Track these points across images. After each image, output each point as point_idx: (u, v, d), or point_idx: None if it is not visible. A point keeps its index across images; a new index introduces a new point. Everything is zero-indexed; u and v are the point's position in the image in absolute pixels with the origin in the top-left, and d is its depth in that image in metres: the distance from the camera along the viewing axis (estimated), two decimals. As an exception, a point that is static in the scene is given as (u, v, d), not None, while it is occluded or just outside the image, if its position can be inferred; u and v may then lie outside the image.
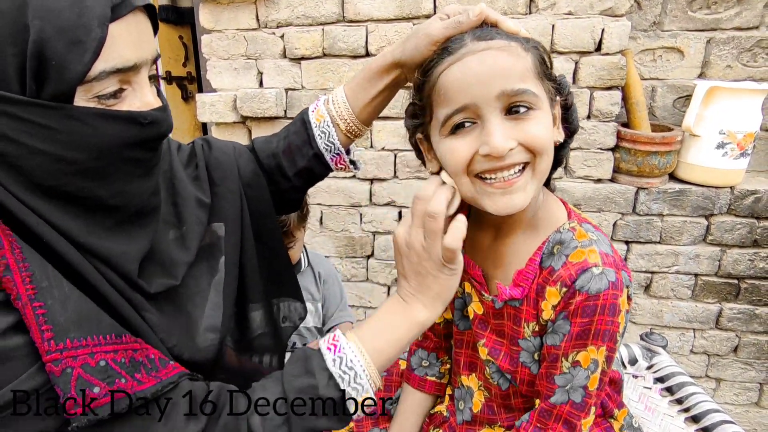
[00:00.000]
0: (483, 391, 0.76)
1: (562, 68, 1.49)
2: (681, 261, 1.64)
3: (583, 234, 0.61)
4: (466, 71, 0.55)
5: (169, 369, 0.54)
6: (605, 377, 0.60)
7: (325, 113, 0.76)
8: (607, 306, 0.56)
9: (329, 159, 0.78)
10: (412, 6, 1.51)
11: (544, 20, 1.46)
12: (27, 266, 0.45)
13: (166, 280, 0.59)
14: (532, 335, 0.65)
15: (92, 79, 0.46)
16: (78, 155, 0.47)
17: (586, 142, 1.55)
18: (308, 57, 1.62)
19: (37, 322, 0.44)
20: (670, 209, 1.58)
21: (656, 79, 1.68)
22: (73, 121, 0.46)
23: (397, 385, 0.90)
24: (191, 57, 2.65)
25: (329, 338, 0.60)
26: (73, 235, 0.49)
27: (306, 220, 1.23)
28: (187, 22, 2.53)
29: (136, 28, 0.50)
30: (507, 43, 0.55)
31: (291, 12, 1.58)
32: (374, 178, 1.71)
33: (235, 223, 0.72)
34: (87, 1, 0.44)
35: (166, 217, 0.64)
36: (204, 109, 1.69)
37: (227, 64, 1.68)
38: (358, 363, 0.57)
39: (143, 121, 0.51)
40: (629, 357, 1.15)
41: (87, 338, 0.47)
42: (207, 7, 1.63)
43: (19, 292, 0.44)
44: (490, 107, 0.55)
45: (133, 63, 0.49)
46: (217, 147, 0.76)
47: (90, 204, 0.51)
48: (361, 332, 0.61)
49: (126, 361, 0.49)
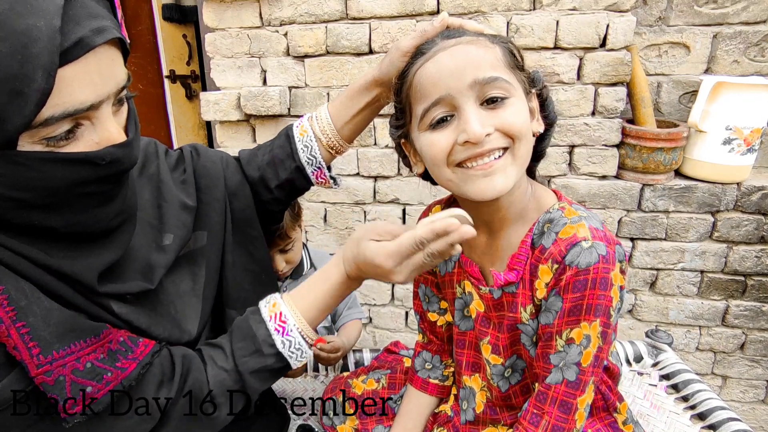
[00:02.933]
0: (485, 392, 0.77)
1: (567, 64, 1.48)
2: (687, 258, 1.63)
3: (573, 212, 0.62)
4: (439, 65, 0.58)
5: (141, 347, 0.57)
6: (602, 354, 0.59)
7: (309, 128, 0.80)
8: (598, 280, 0.56)
9: (310, 172, 0.81)
10: (415, 3, 1.50)
11: (548, 16, 1.45)
12: (2, 288, 0.46)
13: (142, 283, 0.60)
14: (530, 318, 0.65)
15: (38, 125, 0.43)
16: (24, 195, 0.46)
17: (591, 138, 1.54)
18: (312, 55, 1.62)
19: (23, 341, 0.46)
20: (676, 206, 1.57)
21: (662, 75, 1.67)
22: (16, 166, 0.44)
23: (401, 383, 0.90)
24: (195, 55, 2.65)
25: (276, 315, 0.64)
26: (33, 257, 0.49)
27: (299, 218, 1.22)
28: (190, 20, 2.53)
29: (96, 66, 0.45)
30: (475, 38, 0.59)
31: (294, 10, 1.58)
32: (378, 176, 1.71)
33: (218, 230, 0.74)
34: (32, 48, 0.40)
35: (150, 220, 0.65)
36: (208, 108, 1.70)
37: (231, 62, 1.68)
38: (304, 342, 0.64)
39: (100, 162, 0.48)
40: (634, 354, 1.15)
41: (71, 346, 0.49)
42: (210, 5, 1.63)
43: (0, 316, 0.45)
44: (464, 97, 0.57)
45: (90, 104, 0.46)
46: (206, 155, 0.78)
47: (44, 232, 0.50)
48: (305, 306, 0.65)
49: (105, 355, 0.52)
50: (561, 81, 1.51)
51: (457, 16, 1.50)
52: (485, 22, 1.49)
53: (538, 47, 1.49)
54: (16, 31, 0.39)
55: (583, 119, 1.53)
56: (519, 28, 1.48)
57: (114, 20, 0.49)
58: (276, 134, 1.71)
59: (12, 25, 0.39)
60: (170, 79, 2.59)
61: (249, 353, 0.62)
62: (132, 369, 0.54)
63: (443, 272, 0.78)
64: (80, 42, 0.43)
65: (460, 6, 1.49)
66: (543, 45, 1.48)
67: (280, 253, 1.17)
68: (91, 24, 0.44)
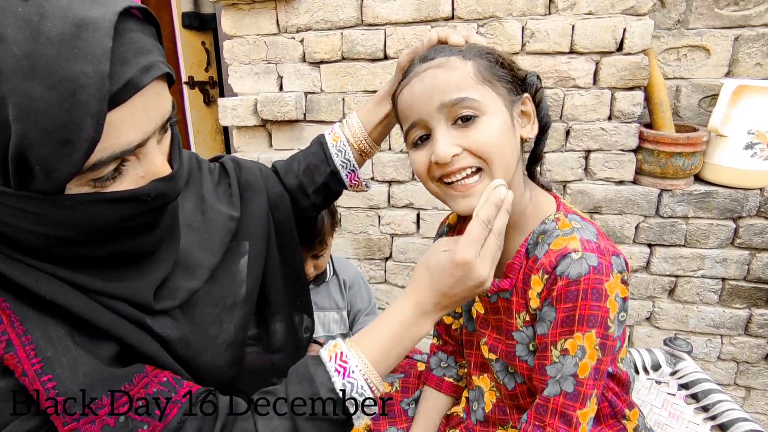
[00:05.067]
0: (494, 392, 0.77)
1: (582, 68, 1.47)
2: (707, 265, 1.59)
3: (566, 224, 0.63)
4: (412, 91, 0.63)
5: (185, 388, 0.54)
6: (602, 366, 0.59)
7: (341, 134, 0.84)
8: (590, 291, 0.57)
9: (344, 175, 0.84)
10: (430, 9, 1.51)
11: (563, 21, 1.44)
12: (30, 338, 0.43)
13: (190, 284, 0.60)
14: (524, 325, 0.66)
15: (86, 170, 0.42)
16: (70, 234, 0.45)
17: (607, 143, 1.53)
18: (327, 61, 1.64)
19: (47, 396, 0.43)
20: (696, 211, 1.54)
21: (681, 79, 1.64)
22: (64, 209, 0.43)
23: (415, 386, 0.91)
24: (213, 62, 2.71)
25: (336, 356, 0.57)
26: (83, 284, 0.48)
27: (336, 227, 1.26)
28: (209, 27, 2.59)
29: (143, 105, 0.44)
30: (445, 59, 0.61)
31: (310, 17, 1.60)
32: (392, 181, 1.72)
33: (261, 241, 0.75)
34: (79, 96, 0.38)
35: (194, 224, 0.66)
36: (226, 114, 1.73)
37: (248, 68, 1.71)
38: (368, 388, 0.56)
39: (146, 199, 0.47)
40: (652, 362, 1.13)
41: (102, 398, 0.46)
42: (229, 13, 1.66)
43: (25, 369, 0.42)
44: (434, 120, 0.61)
45: (137, 143, 0.44)
46: (246, 168, 0.81)
47: (92, 261, 0.50)
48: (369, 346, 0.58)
49: (143, 402, 0.49)
50: (576, 85, 1.50)
51: (471, 21, 1.51)
52: (500, 27, 1.49)
53: (553, 52, 1.48)
54: (63, 78, 0.37)
55: (600, 124, 1.52)
56: (534, 32, 1.47)
57: (160, 48, 0.47)
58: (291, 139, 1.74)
59: (60, 72, 0.37)
60: (189, 85, 2.65)
61: (306, 397, 0.55)
62: (173, 415, 0.50)
63: None
64: (128, 84, 0.41)
65: (475, 11, 1.49)
66: (558, 50, 1.47)
67: (312, 258, 1.20)
68: (139, 62, 0.43)
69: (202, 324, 0.62)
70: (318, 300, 1.30)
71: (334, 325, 1.34)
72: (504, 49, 1.51)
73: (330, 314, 1.33)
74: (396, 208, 1.76)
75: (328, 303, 1.33)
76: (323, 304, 1.32)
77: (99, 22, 0.39)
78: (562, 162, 1.58)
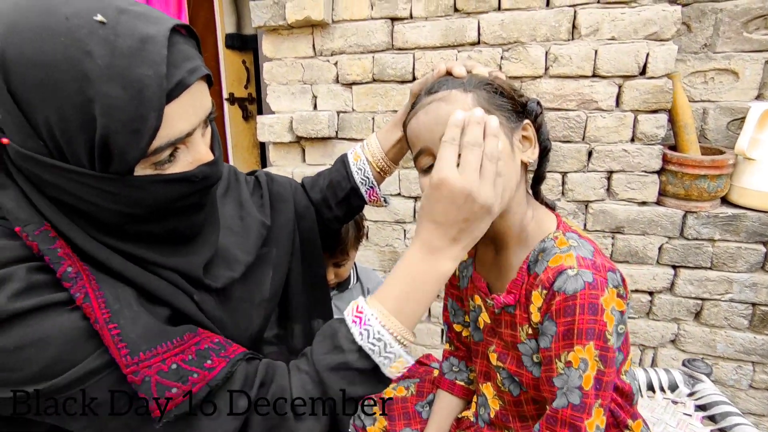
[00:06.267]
0: (497, 400, 0.82)
1: (605, 92, 1.51)
2: (735, 289, 1.57)
3: (564, 242, 0.67)
4: (418, 122, 0.68)
5: (235, 347, 0.61)
6: (604, 377, 0.62)
7: (361, 154, 0.92)
8: (586, 305, 0.61)
9: (364, 191, 0.92)
10: (457, 34, 1.59)
11: (586, 46, 1.49)
12: (102, 294, 0.52)
13: (229, 273, 0.69)
14: (527, 338, 0.70)
15: (149, 154, 0.51)
16: (138, 211, 0.54)
17: (630, 164, 1.55)
18: (359, 82, 1.74)
19: (113, 342, 0.50)
20: (722, 234, 1.53)
21: (708, 101, 1.65)
22: (133, 188, 0.52)
23: (429, 391, 0.96)
24: (252, 80, 2.87)
25: (353, 309, 0.60)
26: (145, 258, 0.57)
27: (361, 241, 1.33)
28: (250, 47, 2.76)
29: (191, 100, 0.53)
30: (447, 93, 0.66)
31: (344, 41, 1.71)
32: (418, 196, 1.79)
33: (286, 247, 0.83)
34: (144, 93, 0.47)
35: (235, 228, 0.75)
36: (263, 130, 1.85)
37: (285, 88, 1.83)
38: (386, 333, 0.57)
39: (194, 180, 0.56)
40: (669, 382, 1.13)
41: (157, 347, 0.53)
42: (269, 37, 1.79)
43: (97, 317, 0.50)
44: (437, 148, 0.62)
45: (186, 132, 0.53)
46: (278, 182, 0.90)
47: (150, 238, 0.59)
48: (384, 296, 0.60)
49: (193, 356, 0.55)
50: (599, 108, 1.54)
51: (496, 46, 1.57)
52: (524, 51, 1.55)
53: (576, 75, 1.53)
54: (133, 80, 0.46)
55: (622, 145, 1.54)
56: (557, 57, 1.52)
57: (201, 57, 0.57)
58: (323, 155, 1.84)
59: (130, 76, 0.46)
60: (229, 102, 2.82)
61: (327, 350, 0.59)
62: (222, 367, 0.56)
63: (463, 287, 0.86)
64: (180, 83, 0.50)
65: (500, 37, 1.56)
66: (581, 73, 1.52)
67: (334, 266, 1.27)
68: (186, 65, 0.52)
69: (235, 314, 0.70)
70: (341, 305, 1.37)
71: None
72: (527, 73, 1.57)
73: (351, 319, 1.40)
74: (420, 223, 1.82)
75: None
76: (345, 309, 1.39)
77: (156, 36, 0.49)
78: (584, 182, 1.61)
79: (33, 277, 0.49)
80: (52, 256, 0.51)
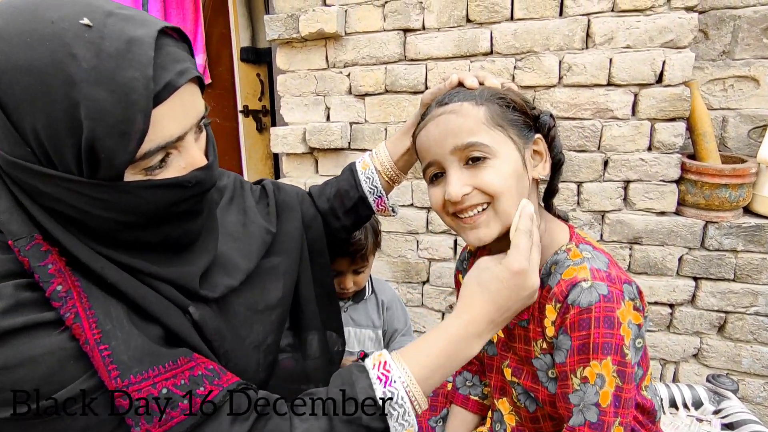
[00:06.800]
0: (513, 415, 0.79)
1: (620, 100, 1.49)
2: (761, 301, 1.52)
3: (577, 254, 0.65)
4: (428, 134, 0.68)
5: (228, 376, 0.59)
6: (623, 394, 0.60)
7: (370, 162, 0.91)
8: (602, 318, 0.59)
9: (372, 201, 0.90)
10: (470, 45, 1.59)
11: (601, 54, 1.47)
12: (93, 313, 0.50)
13: (228, 281, 0.67)
14: (542, 353, 0.68)
15: (138, 159, 0.50)
16: (130, 218, 0.53)
17: (647, 174, 1.52)
18: (372, 93, 1.75)
19: (104, 363, 0.49)
20: (746, 245, 1.49)
21: (728, 109, 1.62)
22: (123, 194, 0.51)
23: (442, 405, 0.94)
24: (266, 92, 2.91)
25: (379, 364, 0.58)
26: (140, 268, 0.55)
27: (379, 247, 1.32)
28: (264, 61, 2.80)
29: (181, 103, 0.52)
30: (459, 105, 0.65)
31: (357, 53, 1.73)
32: (431, 207, 1.78)
33: (294, 255, 0.82)
34: (131, 96, 0.46)
35: (235, 234, 0.74)
36: (277, 141, 1.87)
37: (299, 100, 1.85)
38: (408, 401, 0.56)
39: (187, 185, 0.55)
40: (693, 399, 1.09)
41: (148, 371, 0.51)
42: (283, 50, 1.82)
43: (87, 338, 0.49)
44: (447, 161, 0.65)
45: (177, 136, 0.52)
46: (285, 191, 0.89)
47: (146, 246, 0.57)
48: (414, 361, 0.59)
49: (186, 381, 0.54)
50: (615, 117, 1.51)
51: (509, 56, 1.57)
52: (537, 61, 1.54)
53: (590, 84, 1.51)
54: (120, 83, 0.46)
55: (639, 154, 1.51)
56: (571, 66, 1.51)
57: (192, 60, 0.55)
58: (336, 166, 1.85)
59: (117, 79, 0.46)
60: (244, 114, 2.85)
61: (344, 399, 0.57)
62: (215, 395, 0.55)
63: None
64: (168, 85, 0.49)
65: (513, 47, 1.55)
66: (596, 82, 1.50)
67: (353, 273, 1.26)
68: (175, 68, 0.51)
69: (234, 322, 0.69)
70: (355, 316, 1.36)
71: (369, 343, 1.39)
72: (541, 83, 1.56)
73: (366, 332, 1.38)
74: (434, 234, 1.81)
75: (364, 320, 1.38)
76: (360, 320, 1.38)
77: (143, 38, 0.48)
78: (599, 192, 1.58)
79: (21, 294, 0.48)
80: (42, 274, 0.49)
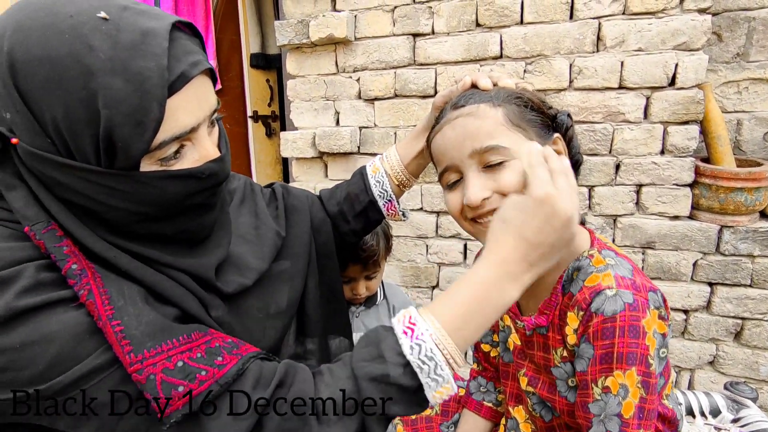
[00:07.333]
0: (529, 424, 0.78)
1: (632, 104, 1.47)
2: (778, 308, 1.49)
3: (600, 260, 0.63)
4: (444, 138, 0.66)
5: (247, 346, 0.59)
6: (647, 405, 0.58)
7: (380, 166, 0.90)
8: (626, 327, 0.57)
9: (382, 205, 0.90)
10: (479, 49, 1.59)
11: (612, 58, 1.46)
12: (106, 291, 0.51)
13: (241, 279, 0.67)
14: (561, 361, 0.66)
15: (154, 149, 0.51)
16: (146, 209, 0.54)
17: (660, 177, 1.50)
18: (381, 98, 1.75)
19: (117, 339, 0.49)
20: (763, 250, 1.46)
21: (743, 112, 1.59)
22: (140, 184, 0.52)
23: (454, 410, 0.93)
24: (275, 98, 2.93)
25: (405, 318, 0.54)
26: (155, 258, 0.56)
27: (390, 252, 1.31)
28: (273, 67, 2.82)
29: (194, 95, 0.53)
30: (476, 107, 0.64)
31: (366, 58, 1.73)
32: (440, 211, 1.77)
33: (302, 259, 0.82)
34: (146, 85, 0.47)
35: (248, 237, 0.75)
36: (287, 146, 1.88)
37: (308, 105, 1.85)
38: (439, 353, 0.51)
39: (201, 176, 0.56)
40: (711, 407, 1.07)
41: (162, 345, 0.51)
42: (293, 55, 1.83)
43: (100, 314, 0.50)
44: (465, 165, 0.64)
45: (191, 127, 0.53)
46: (294, 194, 0.89)
47: (160, 239, 0.58)
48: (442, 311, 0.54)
49: (202, 354, 0.53)
50: (626, 120, 1.50)
51: (519, 60, 1.56)
52: (547, 65, 1.54)
53: (601, 87, 1.50)
54: (135, 72, 0.47)
55: (651, 158, 1.50)
56: (582, 69, 1.50)
57: (204, 54, 0.56)
58: (345, 170, 1.85)
59: (133, 69, 0.47)
60: (253, 119, 2.88)
61: (370, 358, 0.54)
62: (233, 364, 0.54)
63: None
64: (182, 75, 0.51)
65: (523, 51, 1.55)
66: (607, 85, 1.49)
67: (365, 279, 1.25)
68: (188, 59, 0.52)
69: (249, 324, 0.69)
70: (367, 321, 1.35)
71: (380, 346, 1.38)
72: (551, 86, 1.55)
73: (377, 337, 1.38)
74: (443, 238, 1.80)
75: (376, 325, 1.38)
76: (371, 325, 1.37)
77: (158, 30, 0.50)
78: (611, 196, 1.57)
79: (40, 275, 0.49)
80: (58, 253, 0.51)
